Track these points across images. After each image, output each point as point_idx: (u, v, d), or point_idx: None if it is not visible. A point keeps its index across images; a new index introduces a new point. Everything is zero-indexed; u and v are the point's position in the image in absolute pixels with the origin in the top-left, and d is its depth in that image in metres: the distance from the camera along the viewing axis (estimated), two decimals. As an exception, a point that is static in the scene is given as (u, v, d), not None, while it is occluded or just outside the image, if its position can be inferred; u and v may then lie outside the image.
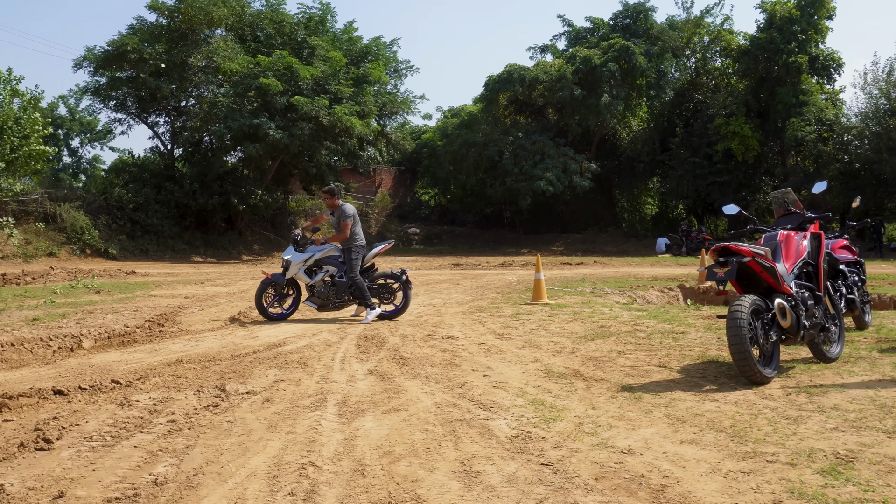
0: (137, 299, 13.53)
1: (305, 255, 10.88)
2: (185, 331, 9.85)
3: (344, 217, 10.96)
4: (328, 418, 5.28)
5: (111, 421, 5.21)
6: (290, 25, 34.95)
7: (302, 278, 10.91)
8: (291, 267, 10.84)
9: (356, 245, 10.90)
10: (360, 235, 11.05)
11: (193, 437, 4.85)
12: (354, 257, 10.82)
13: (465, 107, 46.05)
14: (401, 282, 10.98)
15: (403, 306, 11.02)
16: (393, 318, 10.84)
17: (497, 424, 5.05)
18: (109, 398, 5.93)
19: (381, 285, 11.04)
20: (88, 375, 6.82)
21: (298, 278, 10.94)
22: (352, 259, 10.79)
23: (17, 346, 8.11)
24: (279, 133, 29.64)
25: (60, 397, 5.95)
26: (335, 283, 10.86)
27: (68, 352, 8.23)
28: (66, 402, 5.83)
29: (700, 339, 8.45)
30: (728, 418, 5.12)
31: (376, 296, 10.96)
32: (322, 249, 10.96)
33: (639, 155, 40.65)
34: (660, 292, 15.94)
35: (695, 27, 39.56)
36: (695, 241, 32.08)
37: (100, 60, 31.92)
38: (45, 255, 26.48)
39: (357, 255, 10.87)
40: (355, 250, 10.86)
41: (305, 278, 10.89)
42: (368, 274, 11.04)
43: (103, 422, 5.18)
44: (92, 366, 7.33)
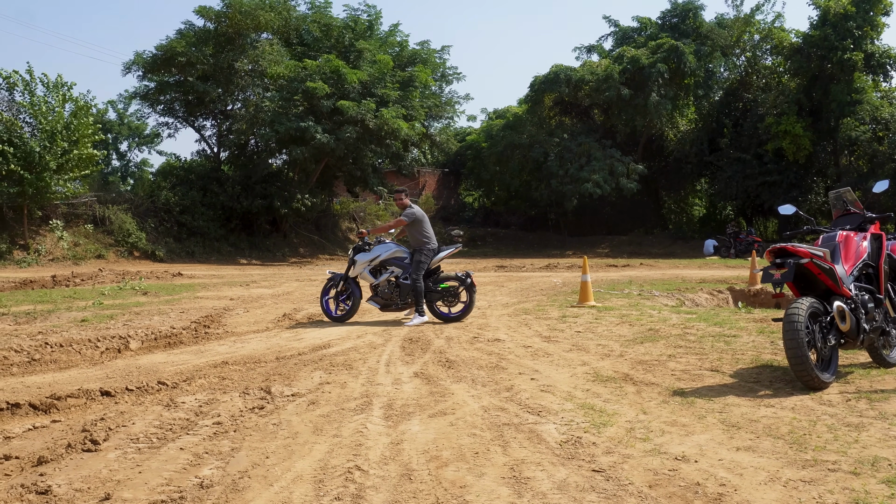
0: (183, 301, 13.65)
1: (371, 255, 10.85)
2: (231, 332, 9.88)
3: (403, 215, 10.91)
4: (374, 421, 5.22)
5: (157, 422, 5.20)
6: (338, 29, 35.12)
7: (366, 278, 10.86)
8: (356, 266, 10.85)
9: (427, 248, 10.80)
10: (432, 238, 10.95)
11: (239, 439, 4.81)
12: (423, 259, 10.71)
13: (510, 108, 45.84)
14: (465, 285, 10.83)
15: (467, 309, 10.87)
16: (459, 321, 10.72)
17: (546, 429, 4.93)
18: (156, 400, 5.94)
19: (447, 288, 10.87)
20: (135, 377, 6.86)
21: (363, 278, 10.90)
22: (420, 261, 10.68)
23: (65, 346, 8.19)
24: (326, 136, 29.77)
25: (107, 398, 5.97)
26: (399, 284, 10.76)
27: (115, 353, 8.29)
28: (113, 404, 5.86)
29: (753, 342, 8.22)
30: (785, 425, 4.94)
31: (441, 298, 10.83)
32: (388, 250, 10.89)
33: (686, 156, 40.03)
34: (709, 295, 15.65)
35: (745, 25, 38.84)
36: (744, 243, 31.49)
37: (148, 65, 32.43)
38: (94, 257, 26.93)
39: (426, 258, 10.75)
40: (425, 252, 10.75)
41: (370, 278, 10.84)
42: (434, 276, 10.89)
43: (149, 423, 5.18)
44: (139, 367, 7.37)
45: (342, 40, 34.87)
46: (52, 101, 25.40)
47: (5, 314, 11.41)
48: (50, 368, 7.42)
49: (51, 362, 7.64)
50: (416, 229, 10.85)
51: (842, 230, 6.78)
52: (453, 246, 11.48)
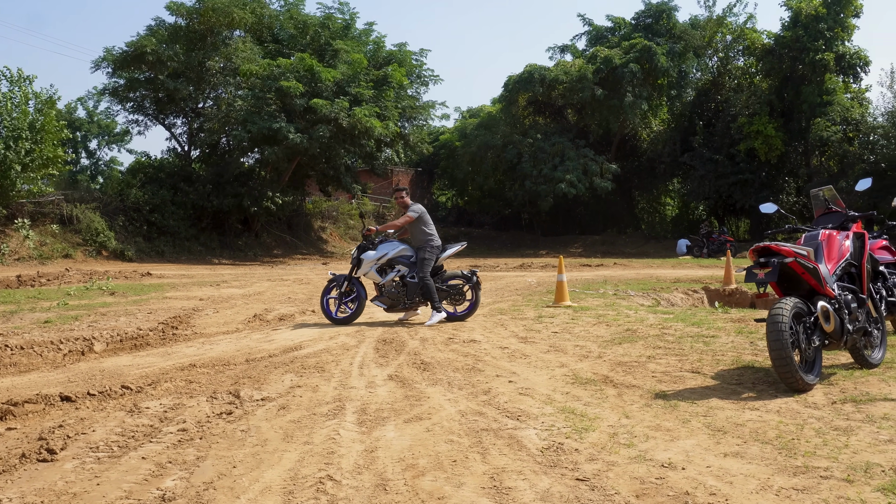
0: (152, 301, 13.33)
1: (378, 254, 10.50)
2: (199, 334, 9.62)
3: (408, 211, 10.62)
4: (347, 427, 5.00)
5: (119, 430, 4.96)
6: (313, 27, 34.75)
7: (373, 277, 10.50)
8: (363, 265, 10.45)
9: (431, 245, 10.57)
10: (436, 236, 10.74)
11: (205, 447, 4.58)
12: (428, 257, 10.47)
13: (484, 107, 45.75)
14: (472, 283, 10.65)
15: (473, 308, 10.70)
16: (464, 320, 10.57)
17: (526, 435, 4.75)
18: (119, 405, 5.68)
19: (452, 286, 10.67)
20: (98, 380, 6.59)
21: (370, 277, 10.55)
22: (425, 259, 10.44)
23: (26, 349, 7.90)
24: (298, 136, 29.41)
25: (68, 404, 5.71)
26: (406, 283, 10.44)
27: (79, 355, 8.01)
28: (73, 409, 5.59)
29: (732, 343, 8.11)
30: (772, 429, 4.80)
31: (447, 297, 10.61)
32: (395, 248, 10.55)
33: (659, 156, 40.15)
34: (684, 294, 15.58)
35: (717, 26, 39.03)
36: (716, 243, 31.57)
37: (118, 62, 31.85)
38: (61, 256, 26.37)
39: (431, 256, 10.52)
40: (430, 250, 10.52)
41: (377, 277, 10.47)
42: (439, 275, 10.67)
43: (111, 430, 4.93)
44: (102, 370, 7.09)
45: (317, 39, 34.52)
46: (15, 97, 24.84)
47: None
48: (9, 372, 7.12)
49: (10, 365, 7.34)
50: (419, 227, 10.61)
51: (824, 229, 6.67)
52: (458, 244, 11.41)
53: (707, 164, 36.14)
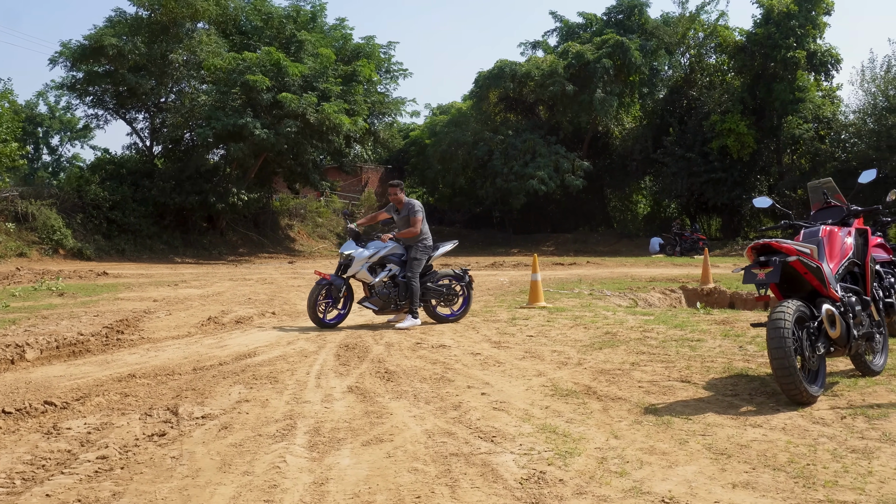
0: (102, 303, 12.53)
1: (370, 252, 9.83)
2: (147, 339, 8.88)
3: (414, 212, 9.99)
4: (296, 452, 4.34)
5: (29, 457, 4.25)
6: (279, 19, 33.86)
7: (365, 277, 9.79)
8: (354, 264, 9.73)
9: (424, 244, 10.03)
10: (429, 235, 10.20)
11: (125, 480, 3.90)
12: (420, 257, 9.91)
13: (454, 104, 45.13)
14: (464, 282, 10.21)
15: (465, 309, 10.27)
16: (457, 321, 10.09)
17: (502, 461, 4.11)
18: (36, 425, 4.97)
19: (446, 286, 10.14)
20: (21, 394, 5.86)
21: (361, 277, 9.81)
22: (417, 258, 9.88)
23: (-51, 357, 7.13)
24: (265, 132, 28.54)
25: (-23, 424, 4.98)
26: (397, 282, 9.84)
27: (8, 364, 7.24)
28: (-17, 430, 4.87)
29: (720, 347, 7.55)
30: (781, 451, 4.22)
31: (441, 297, 10.10)
32: (387, 246, 9.90)
33: (631, 153, 39.78)
34: (661, 294, 15.09)
35: (689, 23, 38.72)
36: (689, 241, 31.28)
37: (76, 56, 30.71)
38: (15, 255, 25.30)
39: (423, 255, 9.97)
40: (423, 249, 9.98)
41: (369, 277, 9.78)
42: (430, 275, 10.13)
43: (18, 459, 4.22)
44: (29, 382, 6.36)
45: (283, 31, 33.63)
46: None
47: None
48: (-77, 384, 6.37)
49: (-74, 377, 6.58)
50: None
51: (824, 225, 6.11)
52: (451, 242, 10.82)
53: (679, 161, 35.81)
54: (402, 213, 10.14)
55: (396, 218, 10.26)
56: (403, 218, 10.09)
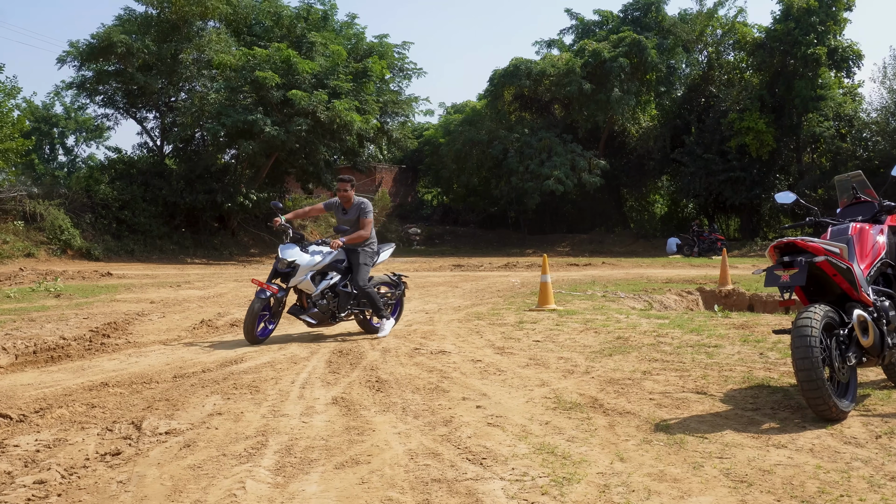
0: (96, 304, 12.12)
1: (318, 259, 8.58)
2: (132, 343, 8.44)
3: (365, 213, 8.91)
4: (259, 476, 3.86)
5: (-39, 480, 3.81)
6: (290, 19, 33.51)
7: (308, 287, 8.48)
8: (299, 272, 8.40)
9: (371, 248, 9.02)
10: (376, 238, 9.23)
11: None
12: (368, 262, 8.87)
13: (469, 102, 44.62)
14: (400, 289, 9.42)
15: (398, 317, 9.49)
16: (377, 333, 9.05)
17: (489, 490, 3.61)
18: (-19, 442, 4.52)
19: (381, 295, 9.14)
20: (-21, 405, 5.42)
21: (304, 287, 8.49)
22: (365, 264, 8.81)
23: (-84, 363, 6.72)
24: (275, 129, 28.18)
25: (-83, 439, 4.54)
26: (338, 292, 8.66)
27: (-21, 370, 6.82)
28: (-76, 447, 4.43)
29: (739, 354, 7.02)
30: (810, 477, 3.70)
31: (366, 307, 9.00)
32: (333, 253, 8.70)
33: (648, 152, 39.08)
34: (678, 296, 14.51)
35: (707, 20, 38.02)
36: (707, 242, 30.66)
37: (85, 54, 30.45)
38: (23, 255, 25.05)
39: (371, 261, 8.96)
40: (370, 254, 8.96)
41: (312, 287, 8.49)
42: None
43: (-52, 482, 3.78)
44: (-8, 391, 5.93)
45: (294, 31, 33.27)
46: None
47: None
48: None
49: None
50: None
51: (854, 222, 5.56)
52: (389, 246, 9.71)
53: (697, 160, 35.12)
54: (349, 213, 9.00)
55: (341, 218, 9.09)
56: (351, 219, 8.98)
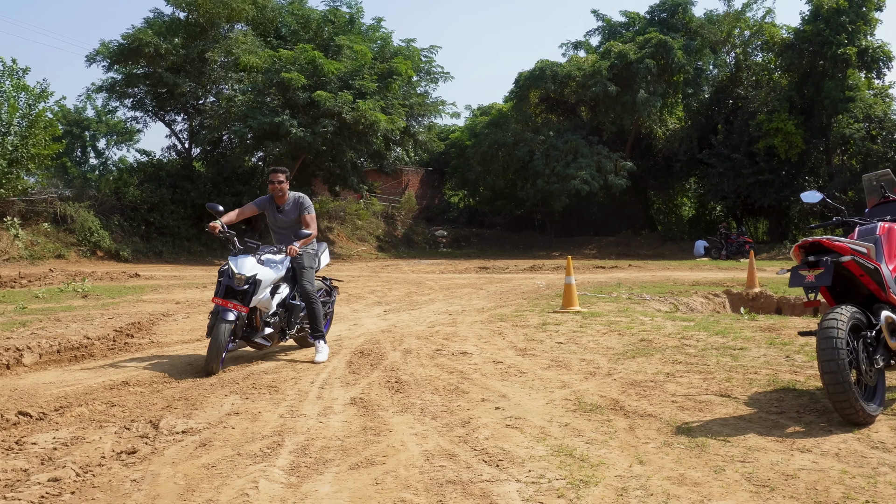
0: (122, 305, 12.21)
1: (277, 270, 7.22)
2: (156, 343, 8.48)
3: (307, 209, 7.68)
4: (273, 475, 3.83)
5: (-23, 477, 3.82)
6: (317, 22, 33.67)
7: (267, 305, 7.12)
8: (262, 287, 6.98)
9: (314, 250, 7.80)
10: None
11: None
12: (311, 265, 7.61)
13: (495, 105, 44.53)
14: (332, 298, 8.45)
15: (330, 324, 8.51)
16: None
17: (504, 492, 3.56)
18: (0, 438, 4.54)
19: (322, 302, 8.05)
20: (0, 403, 5.45)
21: (262, 305, 7.09)
22: (310, 267, 7.56)
23: (-59, 361, 6.78)
24: (301, 131, 28.31)
25: (-63, 437, 4.57)
26: (288, 306, 7.45)
27: (3, 369, 6.85)
28: (-56, 444, 4.45)
29: (765, 357, 6.90)
30: (835, 483, 3.61)
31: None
32: (284, 260, 7.35)
33: (675, 154, 38.76)
34: (704, 299, 14.35)
35: (735, 21, 37.70)
36: (735, 244, 30.34)
37: (114, 55, 30.80)
38: (54, 257, 25.36)
39: (314, 264, 7.72)
40: (312, 256, 7.69)
41: (271, 305, 7.16)
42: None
43: (-36, 479, 3.79)
44: (14, 389, 5.95)
45: (321, 34, 33.43)
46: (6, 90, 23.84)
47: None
48: None
49: (-88, 382, 6.23)
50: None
51: (882, 221, 5.43)
52: (323, 244, 8.27)
53: (725, 162, 34.79)
54: (287, 210, 7.71)
55: (275, 217, 7.79)
56: (290, 218, 7.71)
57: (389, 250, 37.72)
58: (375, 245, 38.50)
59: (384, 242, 39.23)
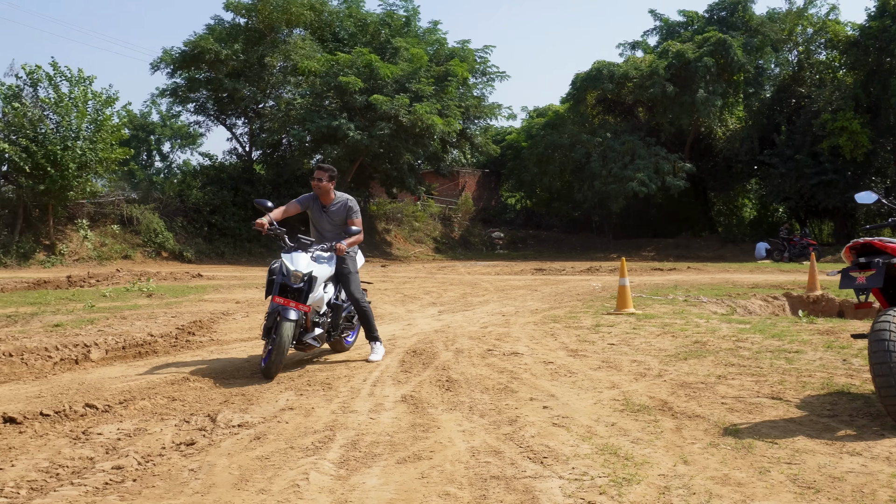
0: (184, 304, 12.55)
1: (330, 267, 7.07)
2: (216, 341, 8.72)
3: (355, 211, 7.42)
4: (323, 468, 3.96)
5: (46, 464, 4.01)
6: (374, 25, 34.06)
7: (320, 303, 6.96)
8: (317, 284, 6.80)
9: (356, 255, 7.57)
10: None
11: (133, 493, 3.60)
12: (355, 270, 7.40)
13: (551, 106, 44.42)
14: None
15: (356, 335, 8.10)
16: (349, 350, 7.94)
17: (546, 488, 3.62)
18: (67, 429, 4.75)
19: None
20: (69, 396, 5.70)
21: (316, 304, 6.88)
22: (355, 272, 7.36)
23: (14, 356, 7.09)
24: (359, 134, 28.66)
25: (11, 427, 4.79)
26: (332, 306, 7.18)
27: (72, 364, 7.16)
28: (16, 434, 4.68)
29: (820, 360, 6.81)
30: (883, 485, 3.59)
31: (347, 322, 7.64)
32: (334, 260, 7.17)
33: (736, 154, 38.08)
34: (763, 301, 14.13)
35: (797, 18, 36.93)
36: (798, 246, 29.68)
37: (176, 62, 31.62)
38: (121, 257, 26.17)
39: (357, 270, 7.47)
40: (353, 260, 7.45)
41: (323, 304, 7.02)
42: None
43: (34, 466, 3.99)
44: (81, 383, 6.21)
45: (378, 37, 33.81)
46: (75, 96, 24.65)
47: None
48: (-19, 384, 6.30)
49: (-13, 376, 6.53)
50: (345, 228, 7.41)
51: (938, 223, 5.36)
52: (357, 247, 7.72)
53: (787, 162, 34.10)
54: (333, 209, 7.41)
55: (320, 216, 7.48)
56: (337, 220, 7.42)
57: (446, 252, 37.89)
58: (432, 247, 38.73)
59: (441, 244, 39.44)
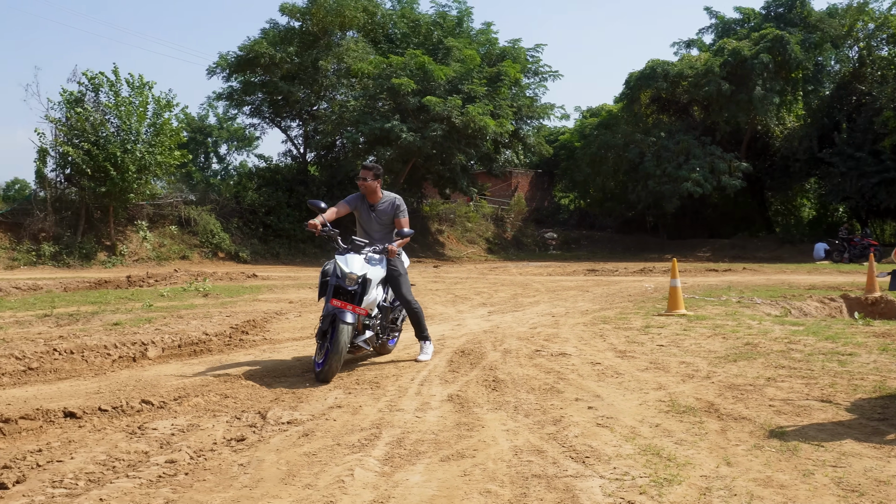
0: (239, 304, 12.81)
1: (382, 269, 6.96)
2: (269, 340, 8.90)
3: (402, 211, 7.33)
4: (368, 465, 4.05)
5: (103, 457, 4.17)
6: (427, 26, 34.25)
7: (372, 305, 6.83)
8: (371, 286, 6.72)
9: (404, 257, 7.48)
10: None
11: (184, 486, 3.73)
12: (405, 272, 7.35)
13: (605, 106, 44.12)
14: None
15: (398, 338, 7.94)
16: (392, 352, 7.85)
17: (587, 487, 3.65)
18: (124, 424, 4.92)
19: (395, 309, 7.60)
20: (126, 392, 5.89)
21: (369, 306, 6.75)
22: (405, 274, 7.31)
23: (75, 354, 7.34)
24: (411, 135, 28.85)
25: (70, 421, 4.99)
26: (381, 308, 7.15)
27: (129, 361, 7.39)
28: (75, 428, 4.87)
29: (874, 363, 6.70)
30: (929, 490, 3.55)
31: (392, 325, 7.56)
32: (384, 262, 7.04)
33: (794, 153, 37.31)
34: (819, 303, 13.88)
35: (858, 13, 36.07)
36: (858, 247, 28.98)
37: (232, 66, 32.21)
38: (179, 258, 26.76)
39: (405, 271, 7.39)
40: (401, 262, 7.35)
41: (374, 305, 6.89)
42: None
43: (92, 458, 4.15)
44: (138, 380, 6.41)
45: (430, 37, 33.99)
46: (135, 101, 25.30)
47: (48, 315, 10.77)
48: (45, 379, 6.54)
49: (50, 371, 6.78)
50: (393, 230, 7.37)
51: None
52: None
53: (848, 161, 33.33)
54: (380, 208, 7.32)
55: (368, 216, 7.37)
56: (382, 219, 7.33)
57: (499, 252, 37.90)
58: (485, 247, 38.77)
59: (493, 245, 39.45)
